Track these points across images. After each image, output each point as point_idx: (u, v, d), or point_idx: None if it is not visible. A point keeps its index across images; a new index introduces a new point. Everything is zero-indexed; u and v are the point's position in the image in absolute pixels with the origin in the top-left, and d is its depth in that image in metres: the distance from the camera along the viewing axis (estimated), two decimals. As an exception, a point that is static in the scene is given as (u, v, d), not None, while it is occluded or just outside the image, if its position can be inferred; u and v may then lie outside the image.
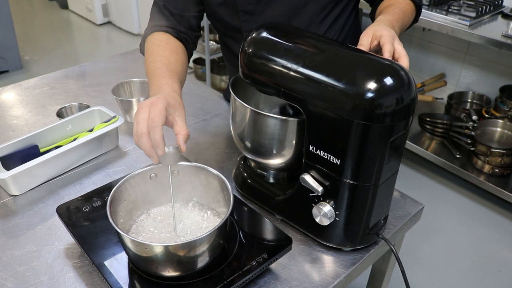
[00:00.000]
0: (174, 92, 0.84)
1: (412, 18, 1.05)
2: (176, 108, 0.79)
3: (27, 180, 0.98)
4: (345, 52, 0.77)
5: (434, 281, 1.77)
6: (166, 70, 0.92)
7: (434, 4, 2.06)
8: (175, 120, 0.78)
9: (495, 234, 1.99)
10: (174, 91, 0.84)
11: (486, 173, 2.09)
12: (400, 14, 0.97)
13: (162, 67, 0.92)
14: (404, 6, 1.00)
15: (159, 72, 0.91)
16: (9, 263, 0.82)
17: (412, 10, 1.04)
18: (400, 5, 0.99)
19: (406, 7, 1.01)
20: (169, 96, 0.80)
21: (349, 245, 0.83)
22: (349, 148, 0.72)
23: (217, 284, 0.71)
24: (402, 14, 0.98)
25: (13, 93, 1.40)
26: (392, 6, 0.99)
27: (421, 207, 0.97)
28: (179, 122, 0.77)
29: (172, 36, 1.04)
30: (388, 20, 0.91)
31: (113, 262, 0.75)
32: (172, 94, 0.82)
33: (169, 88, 0.84)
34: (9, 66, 3.35)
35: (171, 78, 0.89)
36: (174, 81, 0.88)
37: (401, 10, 0.98)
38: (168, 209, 0.84)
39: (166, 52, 0.98)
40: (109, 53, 3.65)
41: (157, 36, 1.03)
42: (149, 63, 0.95)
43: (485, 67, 2.33)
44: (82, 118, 1.13)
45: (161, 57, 0.96)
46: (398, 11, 0.97)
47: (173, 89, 0.85)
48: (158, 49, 0.99)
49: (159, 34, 1.03)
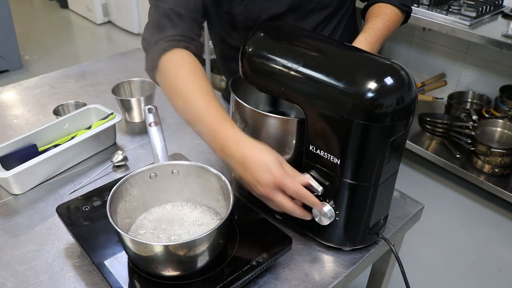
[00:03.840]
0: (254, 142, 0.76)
1: (399, 24, 1.07)
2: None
3: (28, 179, 0.98)
4: (345, 52, 0.77)
5: (434, 281, 1.77)
6: (219, 106, 0.81)
7: (434, 4, 2.06)
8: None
9: (495, 234, 1.99)
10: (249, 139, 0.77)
11: (486, 173, 2.09)
12: (384, 30, 0.99)
13: (213, 106, 0.81)
14: (390, 18, 1.01)
15: (217, 115, 0.79)
16: (9, 262, 0.82)
17: (399, 19, 1.05)
18: (387, 17, 1.01)
19: (392, 18, 1.02)
20: (262, 149, 0.75)
21: (349, 245, 0.83)
22: (349, 148, 0.71)
23: (217, 283, 0.71)
24: (386, 28, 1.00)
25: (13, 93, 1.40)
26: (378, 18, 1.00)
27: (421, 207, 0.97)
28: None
29: (189, 52, 0.92)
30: (368, 41, 0.94)
31: (113, 262, 0.75)
32: (257, 145, 0.76)
33: (244, 137, 0.77)
34: (9, 66, 3.35)
35: (229, 120, 0.80)
36: (231, 122, 0.80)
37: (385, 23, 1.00)
38: (168, 209, 0.84)
39: (200, 81, 0.85)
40: (109, 53, 3.65)
41: (176, 59, 0.89)
42: (190, 102, 0.82)
43: (485, 67, 2.33)
44: (79, 116, 1.13)
45: (201, 91, 0.83)
46: (382, 26, 0.99)
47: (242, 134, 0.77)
48: (190, 80, 0.85)
49: (177, 54, 0.90)
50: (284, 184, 0.73)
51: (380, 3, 1.05)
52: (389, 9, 1.03)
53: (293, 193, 0.75)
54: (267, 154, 0.74)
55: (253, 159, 0.74)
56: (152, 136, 0.87)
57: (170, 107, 1.27)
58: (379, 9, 1.03)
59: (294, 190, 0.74)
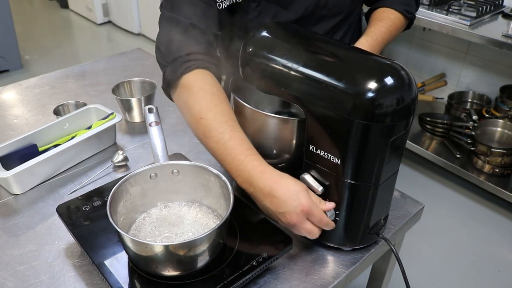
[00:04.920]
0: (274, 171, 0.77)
1: (401, 30, 1.08)
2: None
3: (29, 178, 0.98)
4: (345, 52, 0.77)
5: (434, 281, 1.77)
6: (243, 135, 0.80)
7: (435, 4, 2.06)
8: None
9: (495, 234, 1.99)
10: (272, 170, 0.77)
11: (486, 173, 2.09)
12: (386, 34, 0.99)
13: (237, 135, 0.79)
14: (393, 23, 1.02)
15: (242, 145, 0.79)
16: (9, 262, 0.82)
17: (402, 24, 1.06)
18: (390, 22, 1.01)
19: (395, 23, 1.03)
20: (284, 179, 0.76)
21: (349, 245, 0.83)
22: (349, 148, 0.71)
23: (217, 283, 0.71)
24: (388, 33, 1.00)
25: (13, 93, 1.40)
26: (381, 22, 1.01)
27: (421, 207, 0.97)
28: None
29: (210, 72, 0.88)
30: (369, 44, 0.96)
31: (113, 262, 0.75)
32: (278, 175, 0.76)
33: (270, 167, 0.77)
34: (9, 66, 3.35)
35: (254, 150, 0.79)
36: (256, 152, 0.79)
37: (388, 28, 1.00)
38: (168, 209, 0.84)
39: (223, 105, 0.83)
40: (109, 53, 3.65)
41: (197, 81, 0.86)
42: (213, 129, 0.80)
43: (485, 67, 2.33)
44: (79, 116, 1.13)
45: (225, 118, 0.81)
46: (384, 30, 0.99)
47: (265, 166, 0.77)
48: (213, 104, 0.82)
49: (198, 75, 0.86)
50: (312, 212, 0.74)
51: (384, 7, 1.05)
52: (392, 14, 1.03)
53: (317, 221, 0.76)
54: (294, 184, 0.75)
55: (280, 189, 0.74)
56: (152, 136, 0.87)
57: (170, 107, 1.27)
58: (382, 14, 1.03)
59: (319, 218, 0.76)
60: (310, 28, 1.04)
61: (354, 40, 1.12)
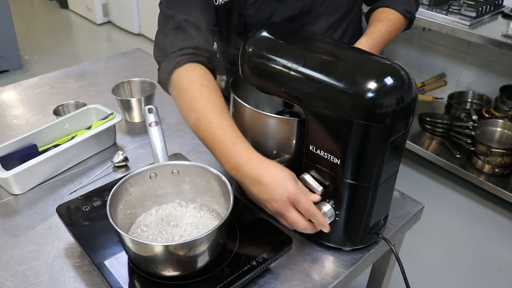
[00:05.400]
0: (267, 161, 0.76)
1: (401, 30, 1.08)
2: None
3: (29, 178, 0.98)
4: (345, 52, 0.77)
5: (434, 281, 1.77)
6: (231, 124, 0.81)
7: (434, 4, 2.06)
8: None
9: (495, 234, 1.99)
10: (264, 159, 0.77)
11: (486, 173, 2.09)
12: (385, 34, 0.99)
13: (226, 123, 0.80)
14: (393, 24, 1.02)
15: (230, 133, 0.80)
16: (9, 262, 0.82)
17: (402, 25, 1.06)
18: (390, 22, 1.01)
19: (395, 24, 1.03)
20: (276, 168, 0.75)
21: (349, 245, 0.83)
22: (349, 148, 0.71)
23: (217, 283, 0.71)
24: (388, 33, 1.00)
25: (13, 93, 1.40)
26: (381, 23, 1.01)
27: (421, 207, 0.97)
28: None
29: (202, 66, 0.90)
30: (369, 44, 0.95)
31: (113, 262, 0.75)
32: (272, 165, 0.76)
33: (257, 155, 0.77)
34: (9, 66, 3.35)
35: (242, 138, 0.79)
36: (244, 140, 0.79)
37: (388, 29, 1.00)
38: (168, 209, 0.84)
39: (213, 95, 0.84)
40: (109, 53, 3.65)
41: (188, 74, 0.87)
42: (203, 119, 0.81)
43: (485, 67, 2.33)
44: (79, 116, 1.13)
45: (214, 107, 0.82)
46: (384, 30, 0.99)
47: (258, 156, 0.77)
48: (202, 95, 0.84)
49: (189, 69, 0.88)
50: (298, 200, 0.73)
51: (384, 7, 1.05)
52: (392, 14, 1.03)
53: (304, 210, 0.75)
54: (281, 171, 0.75)
55: (267, 175, 0.74)
56: (152, 136, 0.87)
57: (170, 107, 1.27)
58: (382, 14, 1.03)
59: (306, 207, 0.74)
60: (309, 26, 1.04)
61: (354, 40, 1.12)
